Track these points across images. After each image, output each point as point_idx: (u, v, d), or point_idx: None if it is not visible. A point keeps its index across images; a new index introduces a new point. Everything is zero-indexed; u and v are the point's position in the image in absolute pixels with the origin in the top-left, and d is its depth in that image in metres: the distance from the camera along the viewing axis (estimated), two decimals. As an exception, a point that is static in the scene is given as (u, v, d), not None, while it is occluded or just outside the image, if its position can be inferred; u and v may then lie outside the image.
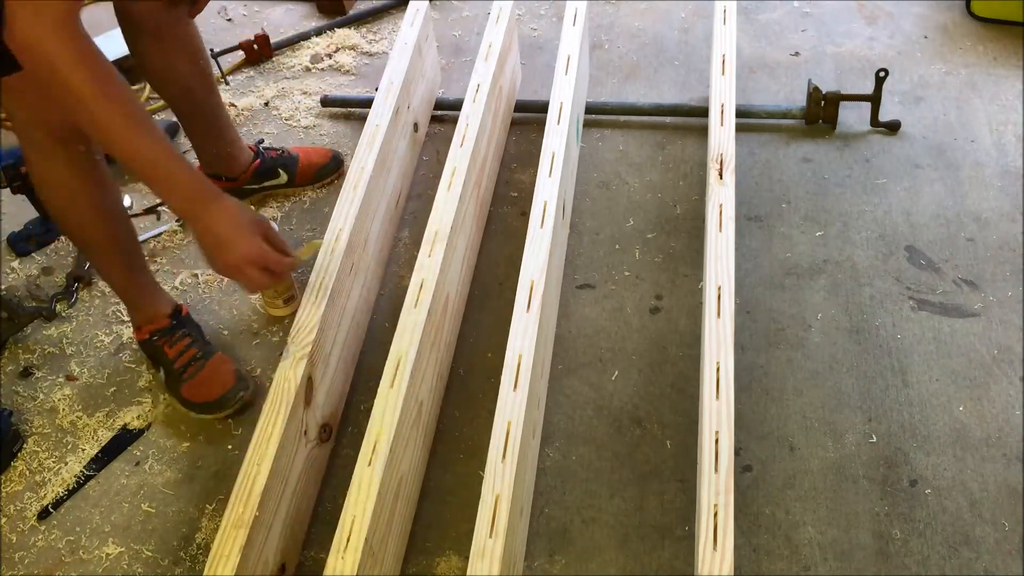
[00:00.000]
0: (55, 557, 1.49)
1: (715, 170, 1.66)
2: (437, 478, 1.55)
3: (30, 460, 1.61)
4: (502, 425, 1.34)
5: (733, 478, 1.24)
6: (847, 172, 2.00)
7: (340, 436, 1.61)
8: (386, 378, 1.41)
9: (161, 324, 1.68)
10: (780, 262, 1.83)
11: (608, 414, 1.61)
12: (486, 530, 1.23)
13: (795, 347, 1.68)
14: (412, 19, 2.03)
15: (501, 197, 2.00)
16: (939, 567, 1.39)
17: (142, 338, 1.69)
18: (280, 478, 1.37)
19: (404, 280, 1.84)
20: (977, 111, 2.11)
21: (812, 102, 2.06)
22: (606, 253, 1.87)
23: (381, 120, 1.81)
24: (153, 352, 1.69)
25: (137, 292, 1.67)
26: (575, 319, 1.76)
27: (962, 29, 2.32)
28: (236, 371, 1.66)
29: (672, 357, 1.69)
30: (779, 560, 1.41)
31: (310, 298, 1.53)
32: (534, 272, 1.52)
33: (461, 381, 1.68)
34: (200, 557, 1.47)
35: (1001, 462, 1.51)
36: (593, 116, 2.14)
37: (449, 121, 2.14)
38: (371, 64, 2.37)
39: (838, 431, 1.56)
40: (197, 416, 1.64)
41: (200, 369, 1.65)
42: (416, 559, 1.45)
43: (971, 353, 1.65)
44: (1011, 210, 1.89)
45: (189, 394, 1.64)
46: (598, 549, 1.44)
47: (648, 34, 2.40)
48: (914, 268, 1.80)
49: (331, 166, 2.03)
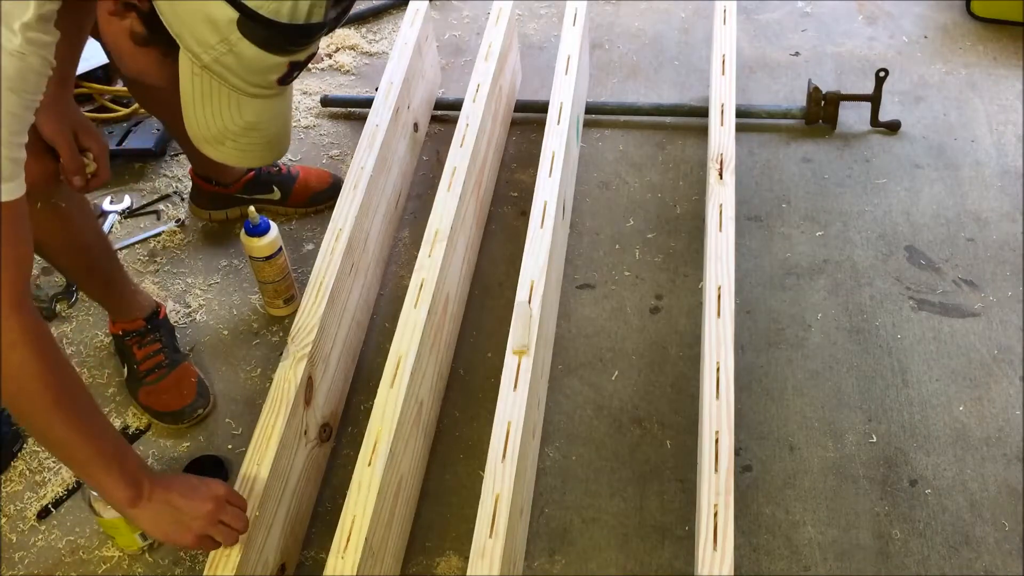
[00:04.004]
0: (55, 557, 1.49)
1: (715, 170, 1.66)
2: (437, 478, 1.55)
3: (30, 460, 1.61)
4: (502, 425, 1.34)
5: (733, 478, 1.24)
6: (847, 172, 2.00)
7: (340, 436, 1.61)
8: (386, 378, 1.41)
9: (135, 326, 1.68)
10: (780, 262, 1.83)
11: (608, 414, 1.61)
12: (486, 530, 1.23)
13: (795, 347, 1.68)
14: (412, 19, 2.03)
15: (501, 197, 2.00)
16: (939, 567, 1.39)
17: (115, 332, 1.70)
18: (280, 478, 1.37)
19: (404, 280, 1.84)
20: (977, 111, 2.11)
21: (812, 102, 2.06)
22: (606, 253, 1.87)
23: (381, 120, 1.81)
24: (121, 348, 1.69)
25: (115, 300, 1.67)
26: (575, 319, 1.76)
27: (962, 29, 2.32)
28: (199, 384, 1.66)
29: (672, 357, 1.69)
30: (779, 560, 1.41)
31: (310, 298, 1.53)
32: (534, 272, 1.53)
33: (461, 381, 1.68)
34: (200, 557, 1.47)
35: (1001, 462, 1.51)
36: (593, 116, 2.14)
37: (449, 121, 2.14)
38: (371, 64, 2.37)
39: (838, 431, 1.56)
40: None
41: (162, 378, 1.64)
42: (416, 559, 1.45)
43: (971, 353, 1.65)
44: (1011, 210, 1.89)
45: (147, 400, 1.65)
46: (598, 549, 1.44)
47: (648, 34, 2.40)
48: (914, 268, 1.80)
49: (327, 193, 1.97)
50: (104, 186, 1.65)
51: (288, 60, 1.07)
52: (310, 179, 1.99)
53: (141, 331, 1.67)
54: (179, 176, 2.09)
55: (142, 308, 1.69)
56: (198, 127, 1.11)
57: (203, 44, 1.02)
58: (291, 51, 1.06)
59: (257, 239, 1.67)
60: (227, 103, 1.09)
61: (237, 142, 1.13)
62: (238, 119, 1.11)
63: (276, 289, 1.76)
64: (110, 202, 2.04)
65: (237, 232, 1.81)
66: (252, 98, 1.10)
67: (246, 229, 1.67)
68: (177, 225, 1.99)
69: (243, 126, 1.11)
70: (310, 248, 1.92)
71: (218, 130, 1.11)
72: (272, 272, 1.72)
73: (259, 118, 1.12)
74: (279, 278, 1.74)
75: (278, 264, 1.71)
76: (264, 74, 1.07)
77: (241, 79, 1.06)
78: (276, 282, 1.74)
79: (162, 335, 1.69)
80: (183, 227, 1.99)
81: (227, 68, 1.05)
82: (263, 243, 1.67)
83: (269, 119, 1.14)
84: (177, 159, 2.12)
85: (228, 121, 1.11)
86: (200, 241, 1.96)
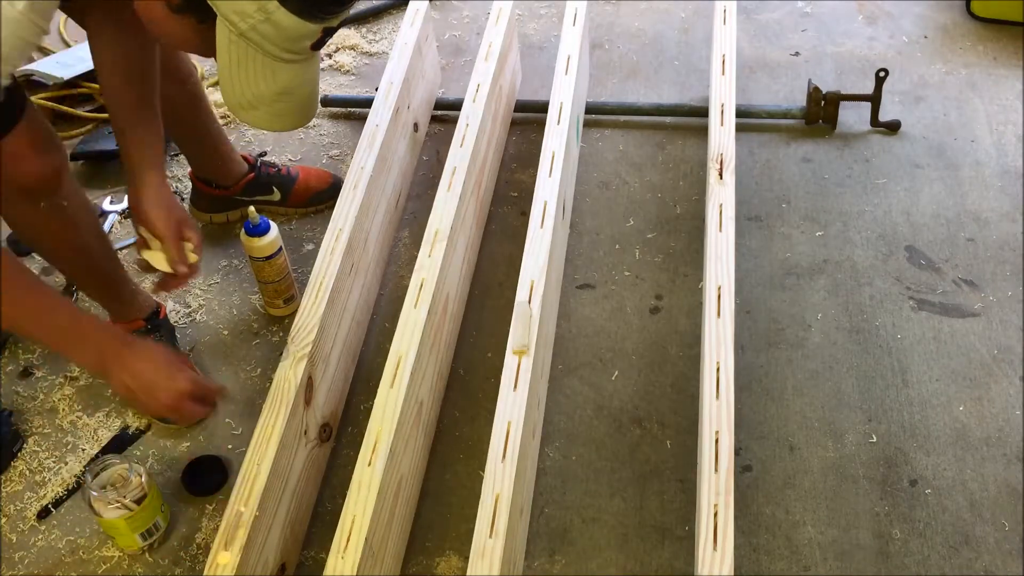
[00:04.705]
0: (55, 557, 1.49)
1: (715, 170, 1.66)
2: (437, 478, 1.55)
3: (30, 460, 1.61)
4: (502, 425, 1.34)
5: (733, 478, 1.24)
6: (847, 172, 2.00)
7: (340, 436, 1.61)
8: (386, 378, 1.41)
9: (135, 326, 1.67)
10: (780, 262, 1.83)
11: (608, 414, 1.61)
12: (486, 530, 1.23)
13: (795, 347, 1.68)
14: (412, 19, 2.03)
15: (501, 197, 2.00)
16: (939, 567, 1.39)
17: None
18: (280, 478, 1.37)
19: (404, 280, 1.84)
20: (977, 111, 2.11)
21: (812, 102, 2.06)
22: (606, 253, 1.87)
23: (381, 120, 1.81)
24: None
25: (115, 300, 1.67)
26: (575, 319, 1.76)
27: (962, 29, 2.32)
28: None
29: (672, 357, 1.69)
30: (779, 560, 1.41)
31: (310, 298, 1.53)
32: (534, 272, 1.53)
33: (461, 381, 1.68)
34: (200, 557, 1.47)
35: (1001, 462, 1.51)
36: (593, 116, 2.14)
37: (449, 121, 2.14)
38: (371, 64, 2.37)
39: (838, 431, 1.56)
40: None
41: None
42: (416, 559, 1.45)
43: (971, 353, 1.65)
44: (1011, 210, 1.89)
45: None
46: (598, 549, 1.44)
47: (648, 34, 2.40)
48: (914, 268, 1.80)
49: (327, 193, 1.97)
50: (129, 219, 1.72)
51: (322, 26, 1.11)
52: (310, 179, 1.99)
53: (141, 331, 1.67)
54: (179, 176, 2.09)
55: (142, 308, 1.69)
56: (233, 94, 1.15)
57: (240, 13, 1.06)
58: (325, 18, 1.10)
59: (257, 239, 1.67)
60: (261, 69, 1.13)
61: (271, 107, 1.18)
62: (272, 84, 1.15)
63: (276, 289, 1.76)
64: (110, 202, 2.04)
65: (237, 232, 1.81)
66: (286, 64, 1.14)
67: (246, 229, 1.67)
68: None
69: (276, 91, 1.16)
70: (310, 248, 1.92)
71: (253, 96, 1.15)
72: (272, 272, 1.72)
73: (292, 83, 1.17)
74: (279, 278, 1.74)
75: (278, 264, 1.71)
76: (299, 41, 1.11)
77: (276, 46, 1.10)
78: (276, 282, 1.74)
79: (162, 335, 1.69)
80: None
81: (264, 36, 1.08)
82: (263, 243, 1.67)
83: (301, 83, 1.19)
84: (177, 159, 2.12)
85: (263, 87, 1.15)
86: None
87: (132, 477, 1.43)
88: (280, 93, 1.17)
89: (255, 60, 1.12)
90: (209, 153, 1.87)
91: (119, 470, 1.44)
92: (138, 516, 1.43)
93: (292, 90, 1.18)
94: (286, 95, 1.18)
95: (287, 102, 1.19)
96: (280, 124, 1.23)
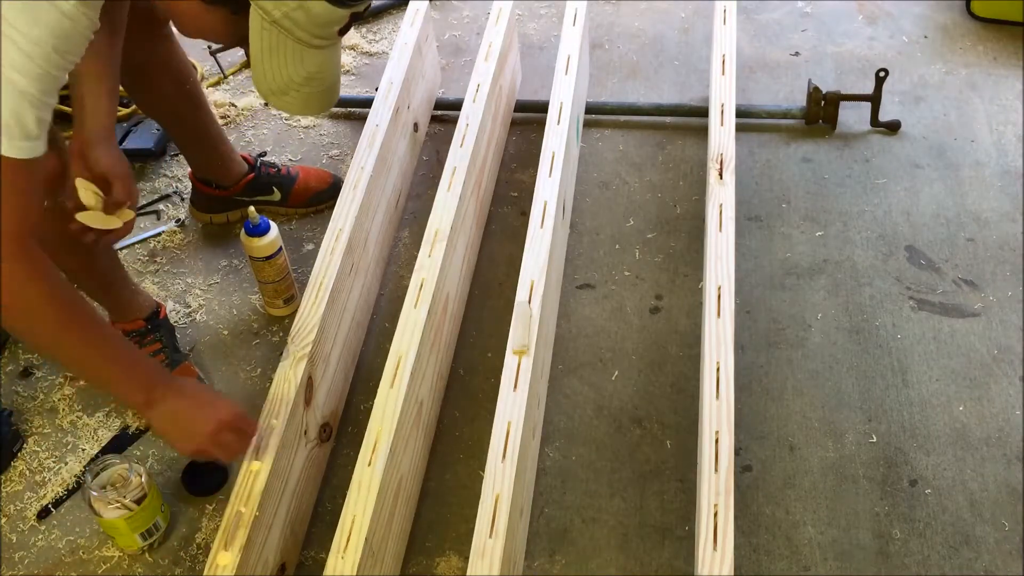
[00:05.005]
0: (55, 557, 1.49)
1: (715, 170, 1.66)
2: (437, 478, 1.55)
3: (30, 460, 1.61)
4: (502, 425, 1.34)
5: (733, 478, 1.24)
6: (847, 172, 2.00)
7: (340, 436, 1.61)
8: (386, 378, 1.41)
9: (135, 326, 1.67)
10: (780, 262, 1.83)
11: (608, 414, 1.61)
12: (486, 530, 1.23)
13: (795, 347, 1.68)
14: (412, 19, 2.03)
15: (501, 197, 2.00)
16: (939, 567, 1.39)
17: None
18: (280, 478, 1.37)
19: (404, 280, 1.84)
20: (977, 111, 2.11)
21: (812, 102, 2.06)
22: (606, 253, 1.87)
23: (381, 120, 1.81)
24: None
25: (115, 300, 1.66)
26: (575, 319, 1.76)
27: (962, 29, 2.32)
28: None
29: (672, 357, 1.69)
30: (779, 560, 1.41)
31: (310, 298, 1.53)
32: (534, 272, 1.53)
33: (461, 381, 1.68)
34: (200, 557, 1.47)
35: (1001, 462, 1.51)
36: (593, 116, 2.14)
37: (449, 121, 2.14)
38: (371, 64, 2.37)
39: (838, 431, 1.56)
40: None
41: None
42: (416, 559, 1.45)
43: (971, 353, 1.66)
44: (1011, 210, 1.89)
45: None
46: (598, 549, 1.44)
47: (648, 34, 2.40)
48: (914, 268, 1.80)
49: (327, 193, 1.97)
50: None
51: (350, 11, 1.17)
52: (310, 179, 1.99)
53: (141, 331, 1.67)
54: (179, 176, 2.09)
55: (142, 308, 1.69)
56: (264, 80, 1.20)
57: (275, 1, 1.11)
58: (353, 4, 1.16)
59: (257, 239, 1.67)
60: (291, 55, 1.18)
61: (300, 92, 1.23)
62: (301, 70, 1.20)
63: (276, 289, 1.76)
64: (110, 202, 2.04)
65: (237, 232, 1.81)
66: (315, 49, 1.19)
67: (246, 229, 1.67)
68: (177, 225, 1.99)
69: (305, 76, 1.21)
70: (310, 248, 1.92)
71: (283, 81, 1.20)
72: (272, 272, 1.72)
73: (319, 68, 1.22)
74: (279, 278, 1.74)
75: (278, 264, 1.72)
76: (328, 26, 1.17)
77: (307, 32, 1.15)
78: (276, 282, 1.74)
79: (162, 335, 1.69)
80: (183, 227, 1.99)
81: (295, 23, 1.13)
82: (263, 243, 1.67)
83: (327, 68, 1.24)
84: (177, 159, 2.12)
85: (292, 72, 1.19)
86: (200, 241, 1.96)
87: (132, 477, 1.43)
88: (308, 78, 1.21)
89: (286, 46, 1.16)
90: (209, 153, 1.87)
91: (119, 470, 1.44)
92: (138, 516, 1.43)
93: (318, 75, 1.22)
94: (314, 80, 1.22)
95: (314, 87, 1.24)
96: (309, 108, 1.29)
